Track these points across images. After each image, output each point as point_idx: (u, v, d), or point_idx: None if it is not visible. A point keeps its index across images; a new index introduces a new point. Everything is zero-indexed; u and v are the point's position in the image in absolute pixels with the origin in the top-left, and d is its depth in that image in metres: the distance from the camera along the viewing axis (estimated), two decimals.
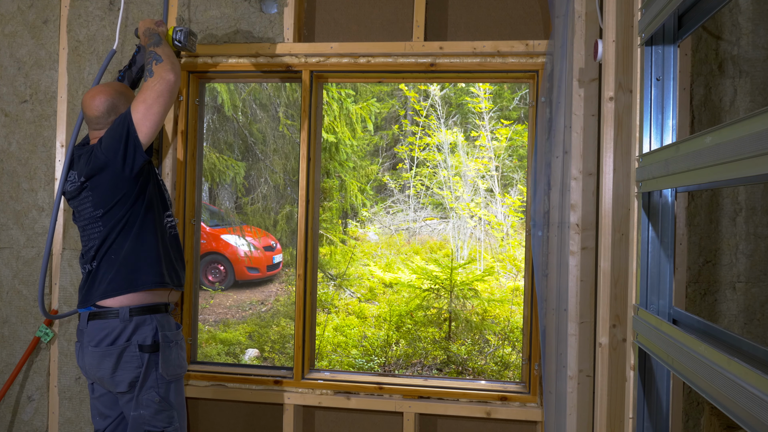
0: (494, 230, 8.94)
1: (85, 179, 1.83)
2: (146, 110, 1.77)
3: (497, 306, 6.14)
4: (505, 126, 9.01)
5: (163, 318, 1.85)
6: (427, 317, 5.76)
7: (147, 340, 1.78)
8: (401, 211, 10.60)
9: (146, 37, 1.98)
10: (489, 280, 7.12)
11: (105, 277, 1.82)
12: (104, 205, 1.82)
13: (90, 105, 1.89)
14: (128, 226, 1.83)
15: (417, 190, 10.39)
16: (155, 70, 1.81)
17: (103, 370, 1.78)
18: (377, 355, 5.29)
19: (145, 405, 1.78)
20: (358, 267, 8.11)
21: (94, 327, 1.80)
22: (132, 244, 1.82)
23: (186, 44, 2.15)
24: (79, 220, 1.91)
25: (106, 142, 1.79)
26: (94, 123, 1.91)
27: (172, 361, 1.82)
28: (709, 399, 1.03)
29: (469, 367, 5.07)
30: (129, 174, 1.80)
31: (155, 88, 1.78)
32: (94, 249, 1.85)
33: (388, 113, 11.39)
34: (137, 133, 1.76)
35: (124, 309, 1.78)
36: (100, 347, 1.78)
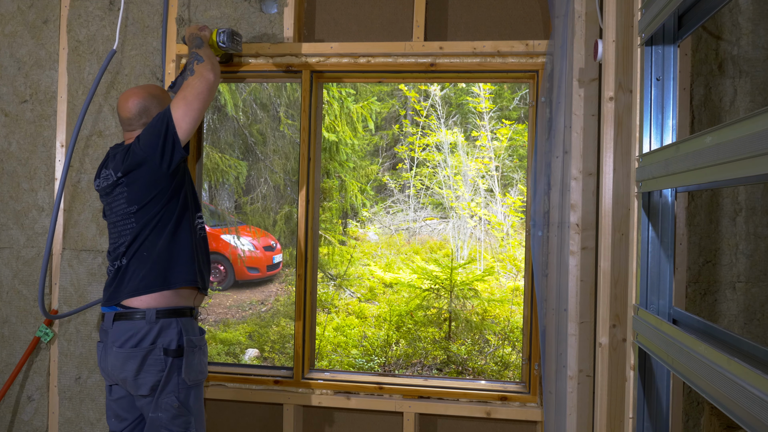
0: (494, 230, 8.94)
1: (122, 175, 1.83)
2: (186, 107, 1.79)
3: (497, 306, 6.14)
4: (506, 126, 9.01)
5: (188, 322, 1.83)
6: (427, 317, 5.76)
7: (172, 344, 1.77)
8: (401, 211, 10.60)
9: (190, 42, 2.03)
10: (489, 280, 7.12)
11: (136, 274, 1.81)
12: (139, 201, 1.81)
13: (123, 106, 1.91)
14: (162, 223, 1.82)
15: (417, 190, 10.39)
16: (196, 69, 1.85)
17: (126, 371, 1.77)
18: (377, 355, 5.29)
19: (164, 408, 1.77)
20: (358, 267, 8.11)
21: (120, 328, 1.79)
22: (166, 241, 1.82)
23: (230, 45, 2.16)
24: (110, 216, 1.91)
25: (145, 139, 1.80)
26: (126, 124, 1.93)
27: (195, 366, 1.81)
28: (709, 399, 1.03)
29: (469, 367, 5.07)
30: (166, 170, 1.80)
31: (195, 86, 1.81)
32: (124, 245, 1.84)
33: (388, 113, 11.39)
34: (176, 129, 1.78)
35: (151, 311, 1.77)
36: (124, 348, 1.76)
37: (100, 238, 2.49)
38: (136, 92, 1.93)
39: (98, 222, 2.50)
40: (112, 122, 2.50)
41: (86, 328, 2.50)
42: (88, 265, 2.50)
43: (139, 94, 1.92)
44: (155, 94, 1.95)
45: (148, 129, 1.82)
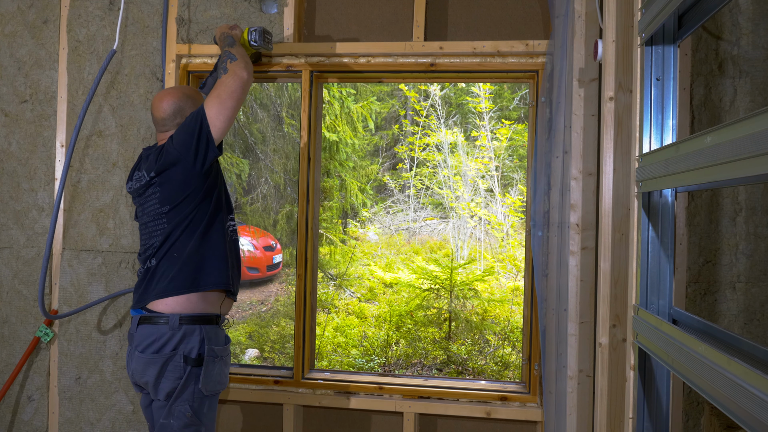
0: (494, 230, 8.94)
1: (155, 174, 1.81)
2: (219, 105, 1.78)
3: (497, 306, 6.14)
4: (505, 126, 9.01)
5: (211, 330, 1.80)
6: (427, 317, 5.76)
7: (193, 352, 1.74)
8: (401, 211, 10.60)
9: (221, 41, 2.02)
10: (489, 280, 7.12)
11: (166, 275, 1.78)
12: (171, 201, 1.79)
13: (157, 107, 1.90)
14: (193, 224, 1.80)
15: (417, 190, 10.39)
16: (229, 68, 1.83)
17: (147, 376, 1.76)
18: (377, 355, 5.29)
19: (176, 416, 1.74)
20: (358, 267, 8.11)
21: (143, 332, 1.77)
22: (197, 243, 1.79)
23: (261, 43, 2.16)
24: (141, 217, 1.90)
25: (179, 138, 1.79)
26: (160, 125, 1.92)
27: (214, 376, 1.78)
28: (709, 399, 1.03)
29: (469, 367, 5.07)
30: (200, 169, 1.78)
31: (229, 84, 1.79)
32: (155, 246, 1.82)
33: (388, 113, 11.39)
34: (210, 128, 1.76)
35: (175, 316, 1.74)
36: (145, 353, 1.75)
37: (100, 238, 2.49)
38: (170, 93, 1.92)
39: (98, 222, 2.50)
40: (112, 122, 2.50)
41: (86, 328, 2.50)
42: (88, 265, 2.50)
43: (173, 95, 1.91)
44: (189, 95, 1.94)
45: (181, 128, 1.80)
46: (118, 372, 2.48)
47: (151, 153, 1.88)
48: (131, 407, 2.47)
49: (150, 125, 2.47)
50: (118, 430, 2.48)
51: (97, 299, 2.46)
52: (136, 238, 2.47)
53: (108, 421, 2.49)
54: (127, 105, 2.48)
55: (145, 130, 2.47)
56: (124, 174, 2.48)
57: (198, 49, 2.42)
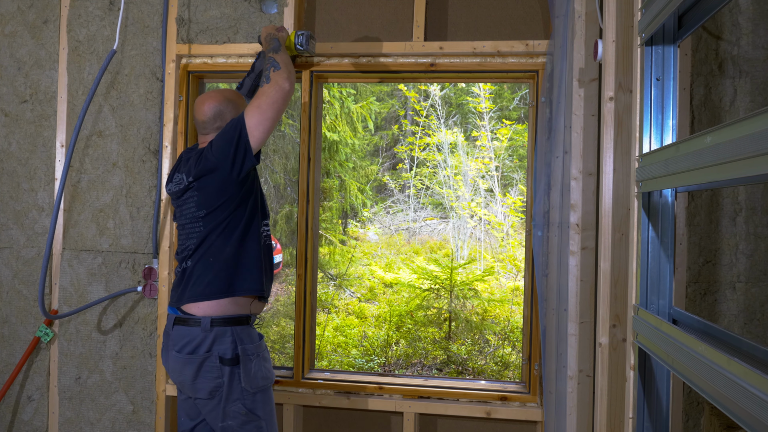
0: (494, 230, 8.94)
1: (193, 179, 1.83)
2: (260, 116, 1.77)
3: (497, 306, 6.14)
4: (506, 126, 9.01)
5: (243, 331, 1.82)
6: (427, 317, 5.76)
7: (227, 353, 1.76)
8: (401, 211, 10.60)
9: (267, 43, 2.00)
10: (489, 280, 7.12)
11: (202, 278, 1.81)
12: (208, 206, 1.81)
13: (199, 110, 1.91)
14: (229, 229, 1.81)
15: (417, 190, 10.39)
16: (272, 77, 1.82)
17: (184, 375, 1.79)
18: (377, 355, 5.28)
19: (232, 416, 1.77)
20: (358, 267, 8.11)
21: (178, 332, 1.81)
22: (233, 248, 1.81)
23: (307, 47, 2.16)
24: (179, 218, 1.92)
25: (217, 145, 1.79)
26: (201, 127, 1.93)
27: (254, 374, 1.80)
28: (709, 399, 1.03)
29: (469, 367, 5.07)
30: (236, 177, 1.79)
31: (271, 95, 1.79)
32: (191, 248, 1.84)
33: (388, 113, 11.39)
34: (249, 138, 1.77)
35: (206, 318, 1.77)
36: (181, 354, 1.78)
37: (100, 238, 2.50)
38: (212, 96, 1.92)
39: (98, 222, 2.50)
40: (112, 122, 2.50)
41: (86, 328, 2.50)
42: (88, 265, 2.50)
43: (215, 98, 1.91)
44: (231, 99, 1.94)
45: (221, 135, 1.81)
46: (118, 372, 2.48)
47: (192, 156, 1.89)
48: (131, 407, 2.47)
49: (150, 125, 2.47)
50: (118, 430, 2.48)
51: (97, 299, 2.46)
52: (136, 238, 2.47)
53: (108, 421, 2.49)
54: (127, 105, 2.48)
55: (145, 130, 2.47)
56: (124, 174, 2.49)
57: (198, 49, 2.42)
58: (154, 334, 2.45)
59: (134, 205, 2.48)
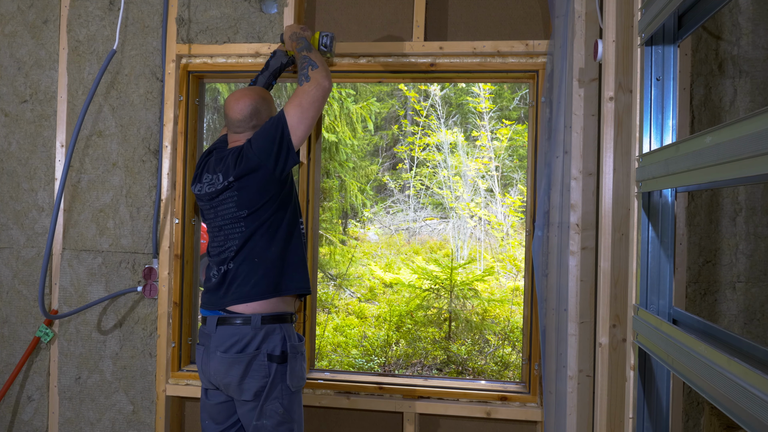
0: (494, 230, 8.94)
1: (233, 179, 1.80)
2: (301, 114, 1.77)
3: (497, 306, 6.14)
4: (506, 126, 9.01)
5: (289, 328, 1.81)
6: (427, 317, 5.76)
7: (276, 350, 1.75)
8: (401, 211, 10.60)
9: (293, 41, 1.99)
10: (489, 280, 7.12)
11: (247, 280, 1.78)
12: (250, 206, 1.78)
13: (234, 108, 1.88)
14: (272, 228, 1.79)
15: (417, 190, 10.39)
16: (312, 76, 1.80)
17: (230, 376, 1.75)
18: (377, 355, 5.28)
19: (269, 415, 1.74)
20: (358, 267, 8.11)
21: (224, 332, 1.77)
22: (278, 248, 1.80)
23: (331, 49, 2.15)
24: (214, 219, 1.88)
25: (258, 144, 1.77)
26: (235, 126, 1.89)
27: (297, 372, 1.79)
28: (709, 399, 1.03)
29: (469, 367, 5.07)
30: (279, 176, 1.78)
31: (312, 93, 1.78)
32: (232, 250, 1.81)
33: (388, 113, 11.39)
34: (291, 136, 1.76)
35: (256, 316, 1.75)
36: (229, 353, 1.74)
37: (100, 238, 2.50)
38: (247, 94, 1.90)
39: (98, 222, 2.50)
40: (112, 122, 2.50)
41: (86, 328, 2.50)
42: (88, 265, 2.50)
43: (251, 96, 1.89)
44: (265, 97, 1.92)
45: (261, 134, 1.79)
46: (118, 372, 2.48)
47: (227, 155, 1.86)
48: (131, 407, 2.47)
49: (150, 125, 2.47)
50: (118, 430, 2.48)
51: (97, 299, 2.46)
52: (136, 238, 2.47)
53: (108, 421, 2.49)
54: (127, 105, 2.48)
55: (145, 130, 2.47)
56: (124, 174, 2.48)
57: (198, 49, 2.42)
58: (154, 334, 2.45)
59: (134, 205, 2.48)
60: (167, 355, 2.42)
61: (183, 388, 2.42)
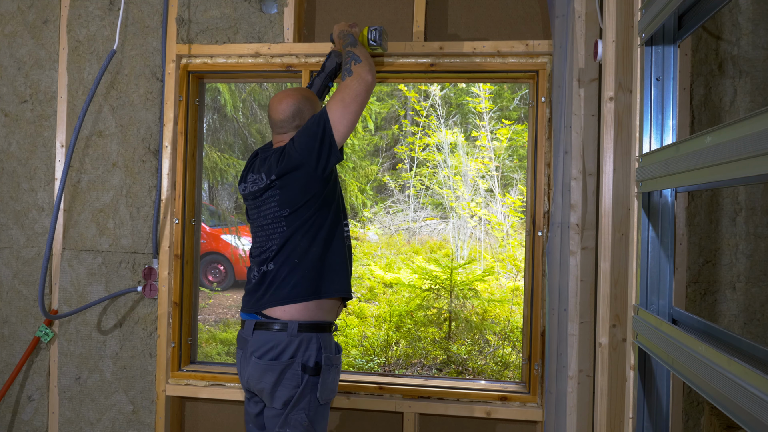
0: (494, 230, 8.94)
1: (275, 177, 1.77)
2: (344, 109, 1.73)
3: (497, 306, 6.14)
4: (506, 126, 9.01)
5: (326, 338, 1.76)
6: (427, 317, 5.76)
7: (310, 360, 1.70)
8: (401, 211, 10.60)
9: (341, 39, 1.98)
10: (489, 280, 7.12)
11: (287, 281, 1.74)
12: (291, 204, 1.75)
13: (276, 108, 1.86)
14: (313, 229, 1.75)
15: (417, 190, 10.39)
16: (354, 70, 1.78)
17: (264, 383, 1.72)
18: (377, 355, 5.28)
19: (293, 425, 1.70)
20: (358, 267, 8.10)
21: (260, 338, 1.74)
22: (319, 249, 1.75)
23: (380, 43, 2.12)
24: (257, 218, 1.85)
25: (301, 141, 1.75)
26: (278, 127, 1.88)
27: (329, 384, 1.74)
28: (709, 399, 1.03)
29: (469, 367, 5.07)
30: (321, 174, 1.74)
31: (354, 88, 1.75)
32: (273, 250, 1.77)
33: (388, 113, 11.38)
34: (333, 132, 1.72)
35: (293, 323, 1.71)
36: (263, 360, 1.71)
37: (100, 238, 2.50)
38: (290, 94, 1.88)
39: (98, 222, 2.50)
40: (112, 122, 2.50)
41: (86, 328, 2.50)
42: (88, 265, 2.50)
43: (293, 96, 1.87)
44: (308, 97, 1.90)
45: (303, 131, 1.76)
46: (118, 372, 2.48)
47: (270, 155, 1.84)
48: (131, 407, 2.47)
49: (150, 125, 2.47)
50: (118, 430, 2.48)
51: (97, 299, 2.46)
52: (136, 238, 2.47)
53: (108, 421, 2.49)
54: (127, 105, 2.48)
55: (145, 130, 2.47)
56: (124, 174, 2.49)
57: (198, 49, 2.42)
58: (154, 334, 2.46)
59: (134, 205, 2.48)
60: (167, 355, 2.42)
61: (183, 388, 2.42)
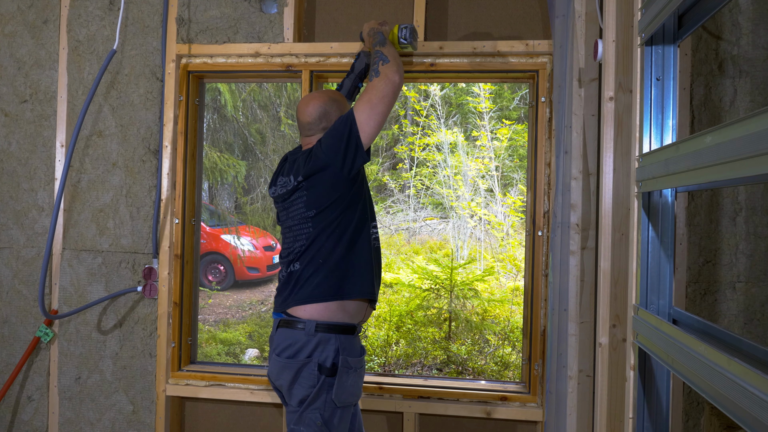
0: (494, 230, 8.94)
1: (302, 178, 1.77)
2: (370, 110, 1.72)
3: (497, 306, 6.14)
4: (506, 126, 9.00)
5: (347, 340, 1.75)
6: (427, 317, 5.76)
7: (327, 361, 1.70)
8: (401, 211, 10.59)
9: (370, 37, 1.96)
10: (489, 280, 7.12)
11: (311, 281, 1.75)
12: (318, 205, 1.76)
13: (303, 111, 1.87)
14: (339, 230, 1.76)
15: (417, 190, 10.38)
16: (381, 71, 1.76)
17: (282, 380, 1.74)
18: (377, 355, 5.28)
19: (306, 423, 1.69)
20: None
21: (281, 336, 1.76)
22: (344, 250, 1.76)
23: (411, 41, 2.11)
24: (286, 220, 1.87)
25: (327, 142, 1.75)
26: (306, 129, 1.88)
27: (347, 388, 1.72)
28: (709, 399, 1.03)
29: (469, 367, 5.07)
30: (347, 175, 1.74)
31: (381, 89, 1.73)
32: (299, 250, 1.79)
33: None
34: (359, 133, 1.71)
35: (311, 322, 1.71)
36: (281, 357, 1.73)
37: (100, 238, 2.50)
38: (317, 96, 1.88)
39: (98, 222, 2.50)
40: (112, 122, 2.50)
41: (86, 328, 2.50)
42: (88, 265, 2.50)
43: (320, 98, 1.87)
44: (335, 99, 1.90)
45: (330, 132, 1.76)
46: (118, 372, 2.48)
47: (298, 157, 1.84)
48: (131, 407, 2.47)
49: (150, 125, 2.47)
50: (118, 430, 2.48)
51: (97, 299, 2.46)
52: (136, 238, 2.47)
53: (108, 421, 2.49)
54: (127, 105, 2.48)
55: (145, 130, 2.47)
56: (124, 174, 2.49)
57: (198, 49, 2.42)
58: (154, 334, 2.46)
59: (134, 205, 2.48)
60: (167, 355, 2.42)
61: (183, 388, 2.42)
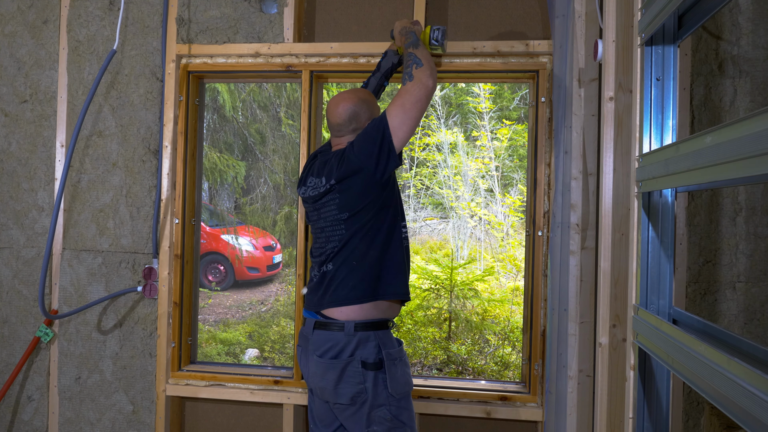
0: (494, 230, 8.94)
1: (335, 182, 1.78)
2: (404, 115, 1.72)
3: (497, 306, 6.14)
4: (506, 126, 9.00)
5: (384, 335, 1.79)
6: (427, 317, 5.76)
7: (370, 357, 1.73)
8: None
9: (402, 36, 1.95)
10: (489, 280, 7.12)
11: (345, 283, 1.78)
12: (350, 208, 1.77)
13: (333, 111, 1.86)
14: (371, 232, 1.78)
15: (417, 190, 10.38)
16: (415, 75, 1.75)
17: (325, 381, 1.75)
18: None
19: (378, 422, 1.73)
20: None
21: (320, 337, 1.78)
22: (377, 252, 1.78)
23: (442, 43, 2.10)
24: (317, 221, 1.88)
25: (360, 146, 1.75)
26: (336, 130, 1.88)
27: (398, 378, 1.76)
28: (709, 399, 1.03)
29: (469, 367, 5.07)
30: (379, 178, 1.75)
31: (415, 93, 1.73)
32: (330, 251, 1.81)
33: None
34: (392, 138, 1.72)
35: (350, 323, 1.74)
36: (324, 358, 1.75)
37: (100, 238, 2.50)
38: (347, 97, 1.87)
39: (98, 222, 2.50)
40: (112, 122, 2.50)
41: (86, 328, 2.50)
42: (88, 265, 2.50)
43: (350, 99, 1.86)
44: (365, 99, 1.89)
45: (363, 136, 1.76)
46: (118, 372, 2.48)
47: (330, 158, 1.84)
48: (131, 407, 2.47)
49: (150, 125, 2.47)
50: (118, 430, 2.48)
51: (97, 299, 2.46)
52: (136, 238, 2.47)
53: (108, 421, 2.49)
54: (127, 105, 2.48)
55: (145, 130, 2.47)
56: (124, 174, 2.49)
57: (198, 49, 2.42)
58: (154, 334, 2.46)
59: (134, 205, 2.48)
60: (167, 355, 2.42)
61: (183, 388, 2.42)
